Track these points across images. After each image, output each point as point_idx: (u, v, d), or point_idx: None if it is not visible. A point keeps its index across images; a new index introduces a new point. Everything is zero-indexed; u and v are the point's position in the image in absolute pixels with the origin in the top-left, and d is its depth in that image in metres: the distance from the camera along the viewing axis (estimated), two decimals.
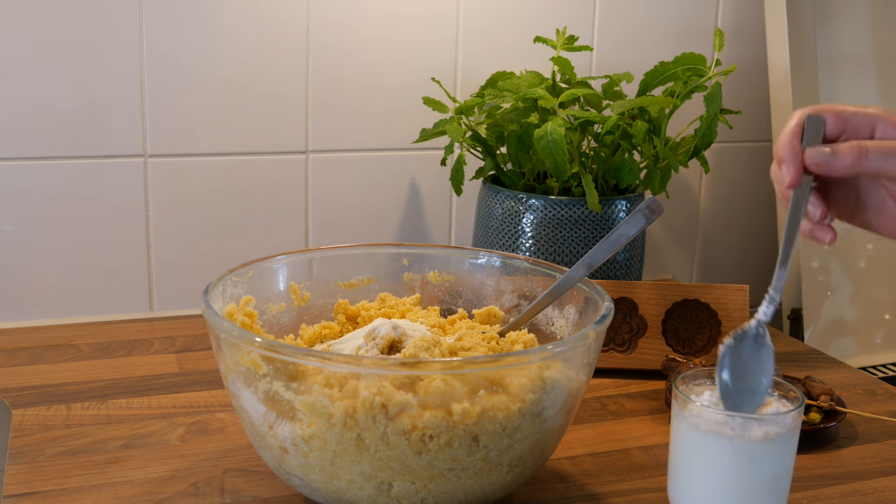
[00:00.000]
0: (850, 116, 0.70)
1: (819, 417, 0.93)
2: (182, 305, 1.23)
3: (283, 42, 1.19)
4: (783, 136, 0.70)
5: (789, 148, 0.69)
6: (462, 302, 0.93)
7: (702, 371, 0.76)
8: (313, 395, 0.68)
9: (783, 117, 1.27)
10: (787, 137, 0.70)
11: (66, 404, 0.95)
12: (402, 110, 1.26)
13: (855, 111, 0.70)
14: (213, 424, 0.92)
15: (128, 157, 1.17)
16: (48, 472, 0.82)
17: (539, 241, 1.12)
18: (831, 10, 1.33)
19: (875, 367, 1.31)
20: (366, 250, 0.93)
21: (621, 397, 1.01)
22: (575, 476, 0.85)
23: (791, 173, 0.69)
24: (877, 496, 0.83)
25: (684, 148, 1.15)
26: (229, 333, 0.71)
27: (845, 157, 0.68)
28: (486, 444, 0.69)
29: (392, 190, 1.29)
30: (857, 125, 0.70)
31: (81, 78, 1.13)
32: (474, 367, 0.70)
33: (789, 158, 0.69)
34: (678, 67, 1.12)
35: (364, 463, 0.69)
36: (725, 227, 1.47)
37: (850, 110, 0.70)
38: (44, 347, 1.09)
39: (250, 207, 1.23)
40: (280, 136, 1.22)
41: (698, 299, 1.07)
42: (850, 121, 0.70)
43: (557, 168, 1.06)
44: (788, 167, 0.69)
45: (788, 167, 0.69)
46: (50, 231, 1.16)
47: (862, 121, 0.70)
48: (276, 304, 0.88)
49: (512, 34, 1.29)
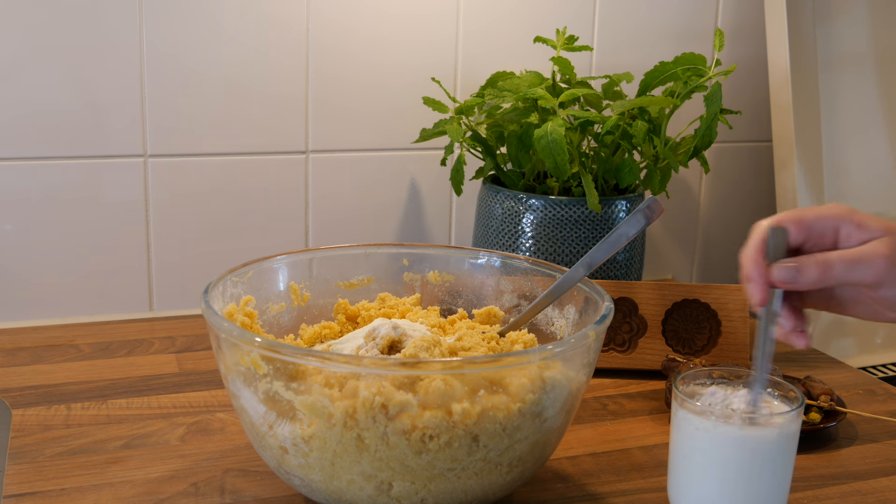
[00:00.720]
0: (812, 222, 0.70)
1: (819, 417, 0.93)
2: (182, 305, 1.23)
3: (283, 42, 1.20)
4: (748, 254, 0.71)
5: (755, 266, 0.70)
6: (462, 302, 0.93)
7: (702, 371, 0.76)
8: (313, 395, 0.68)
9: (783, 117, 1.27)
10: (751, 255, 0.70)
11: (66, 404, 0.95)
12: (402, 110, 1.26)
13: (816, 216, 0.70)
14: (213, 424, 0.92)
15: (128, 157, 1.17)
16: (48, 472, 0.82)
17: (539, 241, 1.12)
18: (831, 10, 1.33)
19: (875, 367, 1.31)
20: (366, 250, 0.93)
21: (621, 397, 1.01)
22: (575, 476, 0.85)
23: (758, 294, 0.70)
24: (877, 496, 0.83)
25: (684, 148, 1.15)
26: (229, 333, 0.71)
27: (811, 273, 0.69)
28: (486, 444, 0.69)
29: (392, 190, 1.29)
30: (820, 231, 0.70)
31: (81, 78, 1.13)
32: (474, 367, 0.70)
33: (755, 277, 0.70)
34: (678, 67, 1.12)
35: (364, 463, 0.69)
36: (725, 227, 1.47)
37: (811, 216, 0.70)
38: (44, 347, 1.09)
39: (250, 207, 1.23)
40: (280, 136, 1.22)
41: (698, 299, 1.07)
42: (813, 227, 0.70)
43: (557, 168, 1.06)
44: (755, 287, 0.70)
45: (755, 287, 0.70)
46: (50, 231, 1.16)
47: (825, 225, 0.70)
48: (276, 304, 0.88)
49: (512, 34, 1.29)
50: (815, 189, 1.33)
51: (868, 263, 0.69)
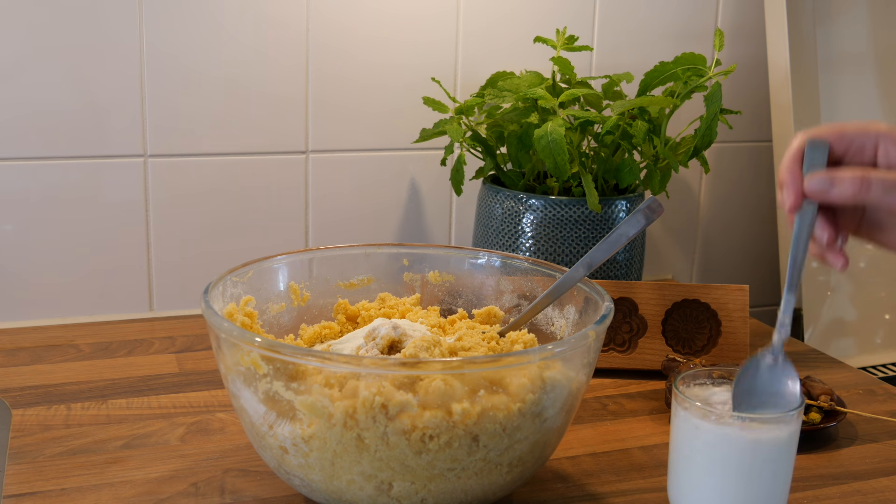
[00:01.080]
0: (854, 136, 0.68)
1: (819, 417, 0.93)
2: (182, 305, 1.23)
3: (282, 42, 1.20)
4: (784, 161, 0.69)
5: (789, 172, 0.68)
6: (462, 302, 0.93)
7: (702, 371, 0.76)
8: (313, 395, 0.68)
9: (783, 117, 1.27)
10: (787, 162, 0.69)
11: (66, 404, 0.95)
12: (402, 110, 1.26)
13: (857, 130, 0.68)
14: (213, 424, 0.92)
15: (128, 157, 1.17)
16: (48, 472, 0.82)
17: (539, 241, 1.12)
18: (831, 10, 1.33)
19: (875, 367, 1.31)
20: (366, 250, 0.93)
21: (621, 397, 1.01)
22: (575, 476, 0.85)
23: (790, 198, 0.68)
24: (877, 496, 0.83)
25: (684, 148, 1.15)
26: (229, 333, 0.71)
27: (846, 187, 0.66)
28: (486, 444, 0.69)
29: (392, 190, 1.29)
30: (860, 145, 0.68)
31: (82, 78, 1.13)
32: (474, 367, 0.70)
33: (789, 183, 0.68)
34: (678, 67, 1.12)
35: (364, 463, 0.69)
36: (725, 227, 1.47)
37: (853, 130, 0.68)
38: (44, 347, 1.09)
39: (250, 207, 1.23)
40: (280, 136, 1.23)
41: (698, 299, 1.07)
42: (854, 141, 0.68)
43: (557, 168, 1.06)
44: (788, 192, 0.68)
45: (788, 192, 0.68)
46: (50, 231, 1.16)
47: (865, 140, 0.68)
48: (276, 304, 0.88)
49: (512, 34, 1.29)
50: None
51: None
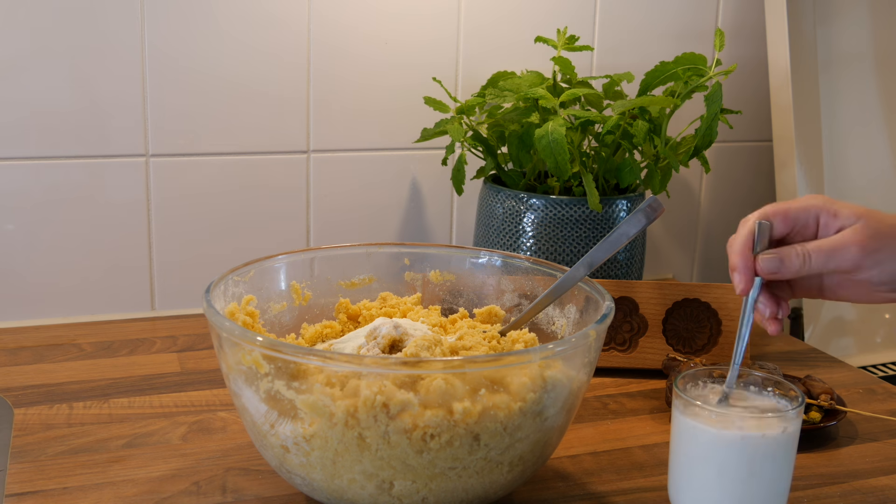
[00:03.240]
0: (796, 215, 0.75)
1: (819, 416, 0.93)
2: (184, 305, 1.23)
3: (284, 42, 1.20)
4: (735, 245, 0.75)
5: (741, 257, 0.75)
6: (463, 301, 0.94)
7: (702, 370, 0.76)
8: (315, 395, 0.68)
9: (783, 117, 1.27)
10: (738, 247, 0.75)
11: (68, 403, 0.95)
12: (403, 110, 1.27)
13: (799, 208, 0.75)
14: (214, 423, 0.92)
15: (129, 157, 1.17)
16: (50, 471, 0.82)
17: (540, 241, 1.13)
18: (831, 10, 1.33)
19: (875, 367, 1.31)
20: (367, 250, 0.93)
21: (622, 396, 1.01)
22: (576, 475, 0.85)
23: (742, 283, 0.75)
24: (877, 495, 0.83)
25: (685, 147, 1.15)
26: (231, 333, 0.71)
27: (793, 263, 0.73)
28: (487, 443, 0.69)
29: (393, 189, 1.29)
30: (803, 222, 0.75)
31: (83, 78, 1.13)
32: (475, 367, 0.70)
33: (741, 268, 0.75)
34: (679, 67, 1.12)
35: (365, 462, 0.69)
36: (725, 226, 1.47)
37: (795, 209, 0.75)
38: (46, 346, 1.10)
39: (252, 207, 1.23)
40: (281, 135, 1.23)
41: (699, 298, 1.07)
42: (797, 219, 0.75)
43: (558, 168, 1.06)
44: (740, 277, 0.75)
45: (740, 277, 0.75)
46: (52, 231, 1.16)
47: (807, 217, 0.75)
48: (277, 304, 0.88)
49: (513, 34, 1.29)
50: (816, 189, 1.33)
51: (842, 252, 0.73)
